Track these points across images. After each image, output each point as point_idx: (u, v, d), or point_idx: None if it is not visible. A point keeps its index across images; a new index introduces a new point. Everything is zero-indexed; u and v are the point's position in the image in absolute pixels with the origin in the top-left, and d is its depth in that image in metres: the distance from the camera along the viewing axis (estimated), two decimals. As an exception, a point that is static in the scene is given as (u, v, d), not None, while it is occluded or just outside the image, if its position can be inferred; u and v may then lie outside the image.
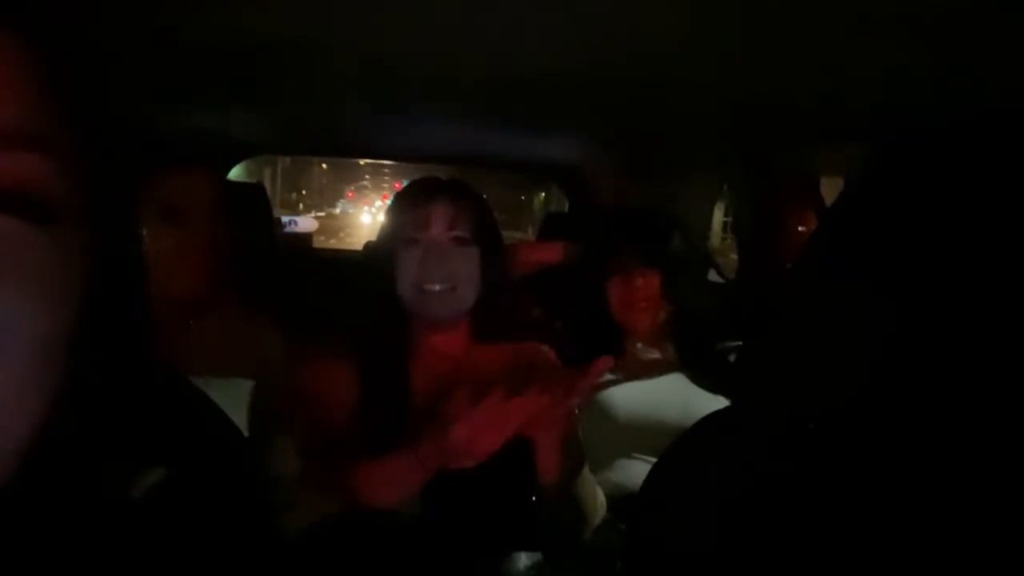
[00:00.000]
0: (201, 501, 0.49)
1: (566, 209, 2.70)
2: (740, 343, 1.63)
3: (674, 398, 1.63)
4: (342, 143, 2.57)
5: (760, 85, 1.33)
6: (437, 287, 1.20)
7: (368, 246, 2.24)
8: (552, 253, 1.98)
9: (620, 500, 1.45)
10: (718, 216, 2.40)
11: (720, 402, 1.53)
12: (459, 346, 1.29)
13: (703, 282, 1.86)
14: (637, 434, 1.61)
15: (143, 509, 0.44)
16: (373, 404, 1.21)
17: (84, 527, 0.40)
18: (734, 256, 2.13)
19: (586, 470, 1.27)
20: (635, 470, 1.57)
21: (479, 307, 1.26)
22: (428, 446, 1.05)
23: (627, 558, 1.02)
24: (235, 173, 2.62)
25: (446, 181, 1.33)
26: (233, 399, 1.24)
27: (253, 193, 2.12)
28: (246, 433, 1.08)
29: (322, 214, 19.39)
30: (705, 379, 1.67)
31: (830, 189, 1.80)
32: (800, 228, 1.77)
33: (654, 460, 0.89)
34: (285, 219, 5.48)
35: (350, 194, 23.72)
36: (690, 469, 0.83)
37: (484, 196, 1.36)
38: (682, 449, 0.86)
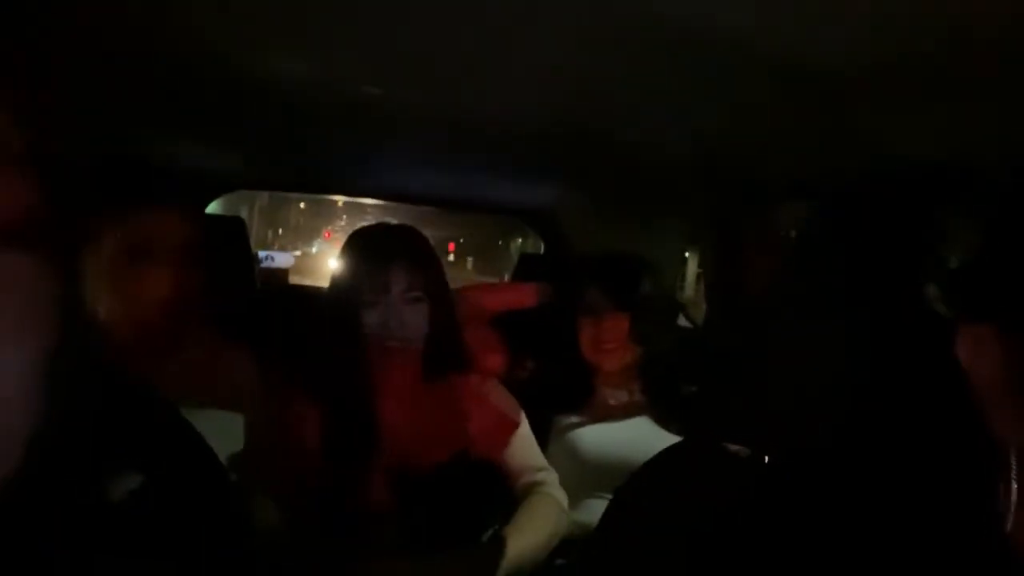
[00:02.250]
0: (175, 506, 0.50)
1: (541, 251, 2.74)
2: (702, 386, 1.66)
3: (641, 440, 1.65)
4: (320, 180, 2.60)
5: (727, 140, 1.39)
6: (394, 337, 1.33)
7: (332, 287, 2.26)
8: (526, 294, 2.02)
9: (586, 539, 1.47)
10: (692, 267, 2.45)
11: (686, 444, 1.56)
12: (414, 377, 1.39)
13: (672, 326, 1.89)
14: (604, 475, 1.63)
15: (121, 512, 0.46)
16: (336, 432, 1.28)
17: (66, 529, 0.41)
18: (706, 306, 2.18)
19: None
20: (602, 511, 1.59)
21: (428, 345, 1.38)
22: None
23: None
24: (213, 209, 2.63)
25: (400, 234, 1.44)
26: (207, 430, 1.25)
27: (233, 227, 2.14)
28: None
29: (298, 253, 19.27)
30: (671, 421, 1.69)
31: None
32: (766, 280, 1.81)
33: None
34: (262, 254, 5.48)
35: (327, 234, 23.63)
36: (645, 503, 0.85)
37: (431, 241, 1.48)
38: (637, 484, 0.88)
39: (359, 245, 1.43)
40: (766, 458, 0.75)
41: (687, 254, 2.28)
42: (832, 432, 0.64)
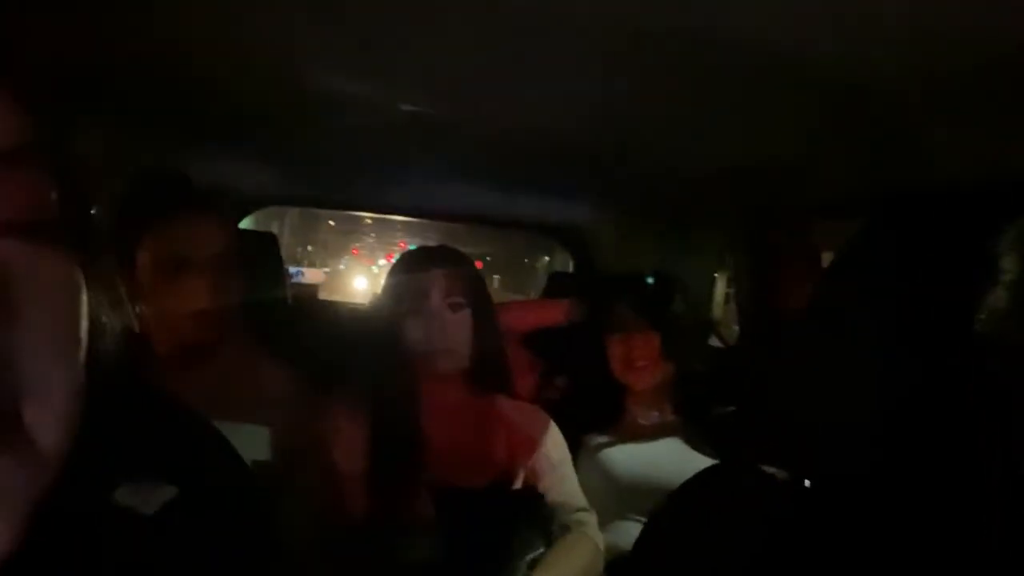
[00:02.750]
0: (209, 521, 0.50)
1: (570, 269, 2.74)
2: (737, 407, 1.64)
3: (673, 461, 1.63)
4: (351, 197, 2.63)
5: (758, 157, 1.38)
6: (439, 351, 1.32)
7: (375, 304, 2.28)
8: (555, 312, 2.01)
9: (616, 561, 1.45)
10: (721, 287, 2.43)
11: (718, 466, 1.53)
12: (458, 396, 1.39)
13: (704, 345, 1.87)
14: (635, 496, 1.61)
15: (156, 526, 0.45)
16: (383, 448, 1.29)
17: (100, 542, 0.41)
18: (736, 327, 2.16)
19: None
20: (632, 532, 1.56)
21: (473, 360, 1.37)
22: None
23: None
24: (246, 225, 2.66)
25: (439, 250, 1.47)
26: (241, 444, 1.26)
27: (266, 242, 2.16)
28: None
29: (327, 270, 19.45)
30: (703, 442, 1.67)
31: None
32: (799, 299, 1.79)
33: None
34: (293, 270, 5.54)
35: (355, 251, 23.82)
36: (681, 526, 0.84)
37: (472, 259, 1.50)
38: (673, 507, 0.87)
39: (400, 264, 1.45)
40: (806, 482, 0.73)
41: (716, 274, 2.26)
42: (871, 455, 0.63)
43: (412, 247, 1.69)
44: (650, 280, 1.79)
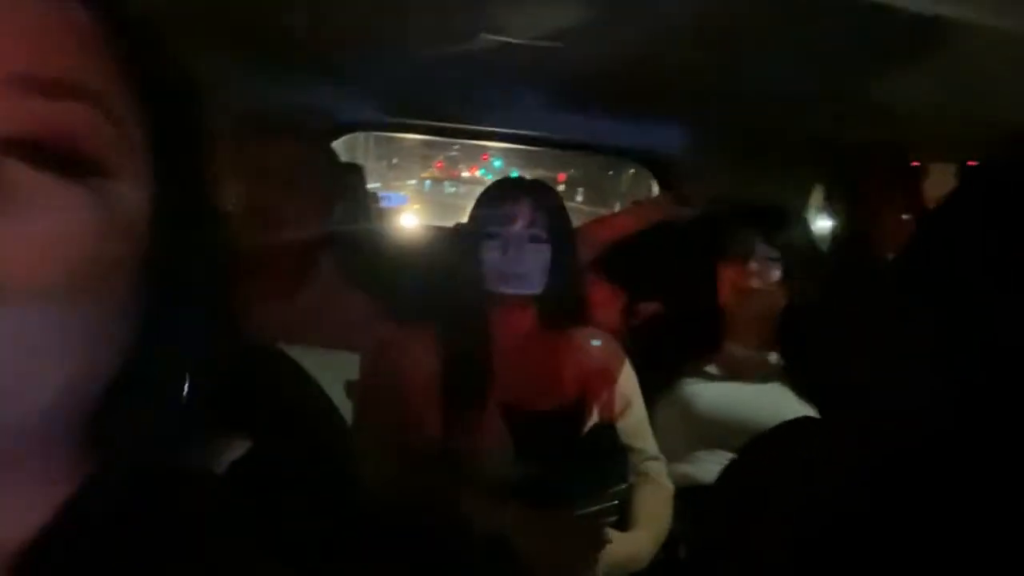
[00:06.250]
0: (287, 473, 0.49)
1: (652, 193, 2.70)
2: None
3: (765, 404, 1.60)
4: (440, 122, 2.62)
5: (863, 90, 1.30)
6: (513, 275, 1.35)
7: (457, 228, 2.29)
8: (631, 221, 1.99)
9: (692, 491, 1.46)
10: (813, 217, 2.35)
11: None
12: (527, 328, 1.41)
13: (820, 280, 1.79)
14: (720, 432, 1.60)
15: (227, 482, 0.44)
16: (454, 374, 1.34)
17: (168, 499, 0.39)
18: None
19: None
20: (712, 466, 1.58)
21: (546, 295, 1.38)
22: None
23: (692, 549, 1.02)
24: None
25: (529, 182, 1.50)
26: (331, 370, 1.30)
27: (350, 172, 2.20)
28: (341, 405, 1.14)
29: (413, 182, 19.59)
30: (801, 388, 1.63)
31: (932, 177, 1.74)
32: (900, 217, 1.69)
33: None
34: (380, 194, 5.62)
35: (439, 164, 23.79)
36: (762, 472, 0.83)
37: (560, 196, 1.50)
38: (757, 452, 0.86)
39: (489, 191, 1.47)
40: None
41: (811, 200, 2.17)
42: (953, 420, 0.59)
43: (497, 160, 1.68)
44: (777, 211, 1.75)
